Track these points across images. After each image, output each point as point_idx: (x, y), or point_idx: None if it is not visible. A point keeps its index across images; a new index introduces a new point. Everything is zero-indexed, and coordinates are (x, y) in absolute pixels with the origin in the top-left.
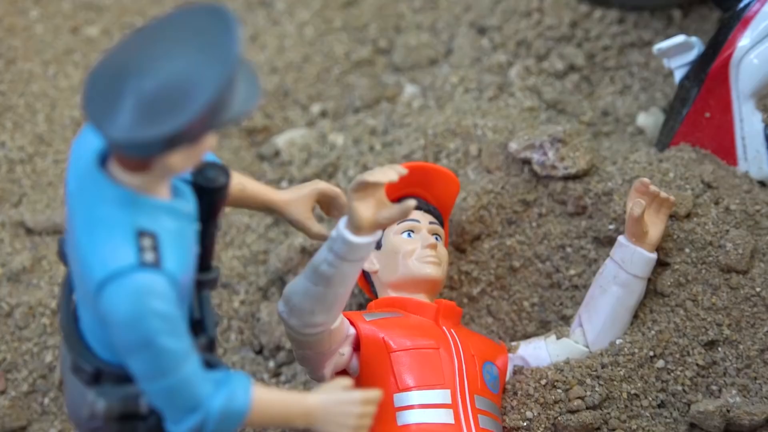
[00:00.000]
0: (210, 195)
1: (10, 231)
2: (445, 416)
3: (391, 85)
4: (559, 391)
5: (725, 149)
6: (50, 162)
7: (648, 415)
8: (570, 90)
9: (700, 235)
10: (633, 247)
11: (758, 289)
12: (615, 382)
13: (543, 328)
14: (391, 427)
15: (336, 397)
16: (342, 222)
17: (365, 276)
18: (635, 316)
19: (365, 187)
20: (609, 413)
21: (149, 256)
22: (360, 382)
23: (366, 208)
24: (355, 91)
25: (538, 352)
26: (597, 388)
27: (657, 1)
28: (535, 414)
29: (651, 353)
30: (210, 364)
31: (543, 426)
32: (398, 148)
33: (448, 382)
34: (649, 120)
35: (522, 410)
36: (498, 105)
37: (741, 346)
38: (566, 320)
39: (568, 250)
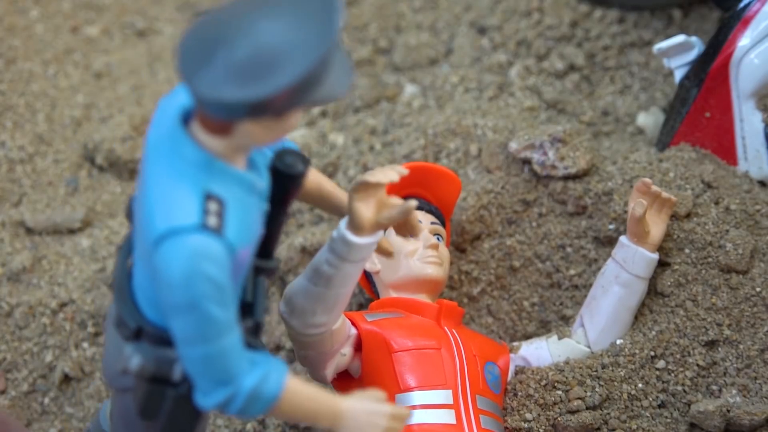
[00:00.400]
0: (285, 181)
1: (10, 231)
2: (446, 416)
3: (391, 85)
4: (559, 391)
5: (725, 149)
6: (50, 162)
7: (648, 415)
8: (570, 90)
9: (700, 235)
10: (635, 248)
11: (758, 289)
12: (615, 383)
13: (543, 328)
14: None
15: (368, 406)
16: (343, 222)
17: (367, 276)
18: (635, 316)
19: (366, 188)
20: (609, 413)
21: (213, 221)
22: (362, 382)
23: (367, 209)
24: (355, 90)
25: (540, 352)
26: (597, 389)
27: (657, 1)
28: (535, 415)
29: (651, 353)
30: (252, 347)
31: (543, 426)
32: (398, 147)
33: (449, 382)
34: (649, 120)
35: (522, 411)
36: (498, 105)
37: (741, 346)
38: (566, 320)
39: (568, 249)
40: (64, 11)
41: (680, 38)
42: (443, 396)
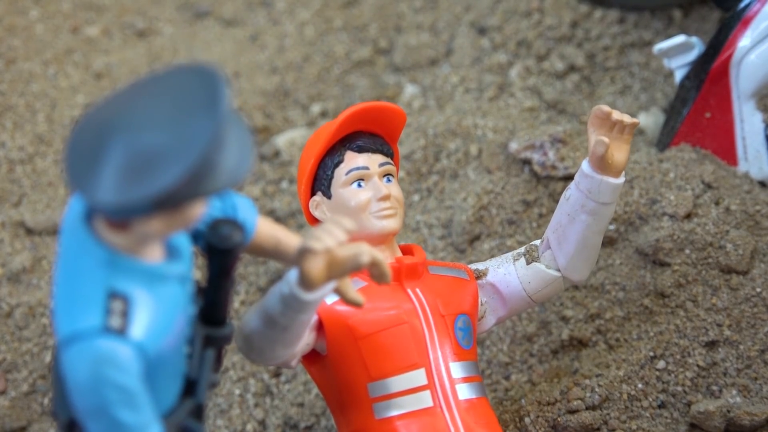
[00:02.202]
0: (222, 254)
1: (10, 231)
2: (423, 400)
3: (392, 85)
4: (558, 392)
5: (725, 149)
6: (50, 162)
7: (648, 415)
8: (570, 90)
9: (700, 236)
10: (599, 178)
11: (758, 290)
12: (615, 383)
13: (543, 328)
14: (370, 422)
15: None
16: (293, 276)
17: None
18: (635, 317)
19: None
20: (609, 414)
21: (116, 322)
22: (331, 367)
23: (317, 269)
24: (355, 91)
25: (509, 278)
26: (597, 389)
27: (657, 1)
28: (534, 416)
29: (651, 354)
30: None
31: (542, 426)
32: (398, 147)
33: (421, 359)
34: (649, 120)
35: (521, 413)
36: (498, 105)
37: (741, 347)
38: (566, 320)
39: None
40: (64, 11)
41: (680, 38)
42: (417, 377)
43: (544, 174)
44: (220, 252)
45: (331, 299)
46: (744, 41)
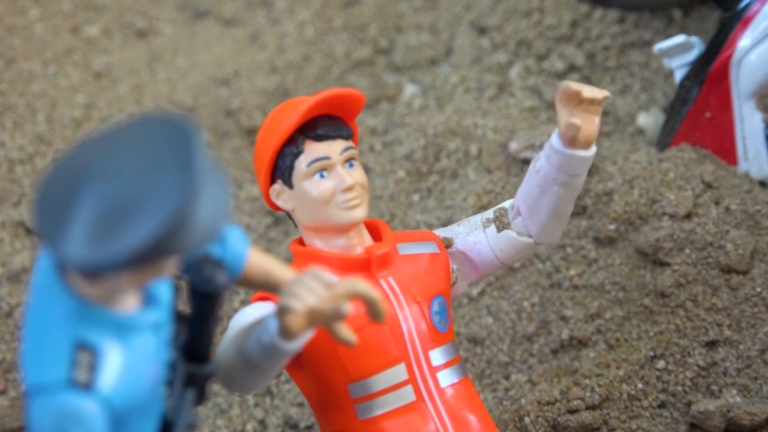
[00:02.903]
0: (205, 295)
1: (10, 231)
2: (405, 395)
3: (392, 85)
4: (558, 392)
5: (726, 149)
6: (50, 162)
7: (648, 415)
8: None
9: (700, 236)
10: (570, 153)
11: (758, 290)
12: (615, 383)
13: (543, 328)
14: (353, 423)
15: None
16: (273, 327)
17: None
18: (635, 317)
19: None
20: (609, 414)
21: (82, 375)
22: (309, 370)
23: (297, 322)
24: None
25: (480, 246)
26: (597, 389)
27: (657, 1)
28: (534, 416)
29: (651, 353)
30: None
31: (542, 426)
32: (398, 147)
33: (400, 353)
34: (649, 120)
35: (521, 413)
36: (498, 105)
37: (741, 347)
38: (566, 320)
39: (569, 250)
40: (64, 11)
41: (680, 38)
42: (397, 373)
43: None
44: (203, 294)
45: None
46: (744, 41)
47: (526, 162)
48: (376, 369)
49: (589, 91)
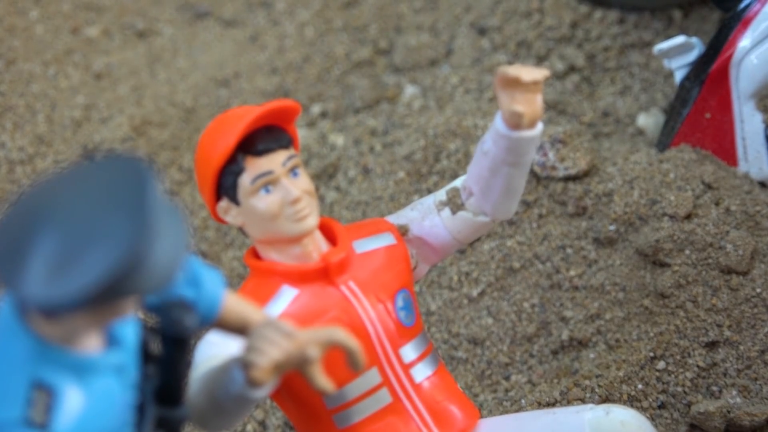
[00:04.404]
0: (172, 340)
1: None
2: (382, 398)
3: (392, 86)
4: (558, 392)
5: (726, 150)
6: (50, 162)
7: (648, 416)
8: (570, 90)
9: (700, 236)
10: (516, 136)
11: (758, 290)
12: (615, 384)
13: (543, 329)
14: None
15: None
16: (239, 377)
17: None
18: (635, 318)
19: None
20: None
21: (38, 416)
22: (283, 384)
23: (263, 374)
24: (355, 91)
25: (437, 230)
26: (597, 390)
27: (657, 2)
28: None
29: (651, 354)
30: None
31: None
32: (398, 148)
33: (370, 358)
34: (649, 120)
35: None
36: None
37: (741, 347)
38: (566, 321)
39: (569, 250)
40: (64, 12)
41: (680, 39)
42: (370, 378)
43: (544, 174)
44: (172, 337)
45: (274, 312)
46: (744, 42)
47: None
48: (349, 378)
49: (528, 75)
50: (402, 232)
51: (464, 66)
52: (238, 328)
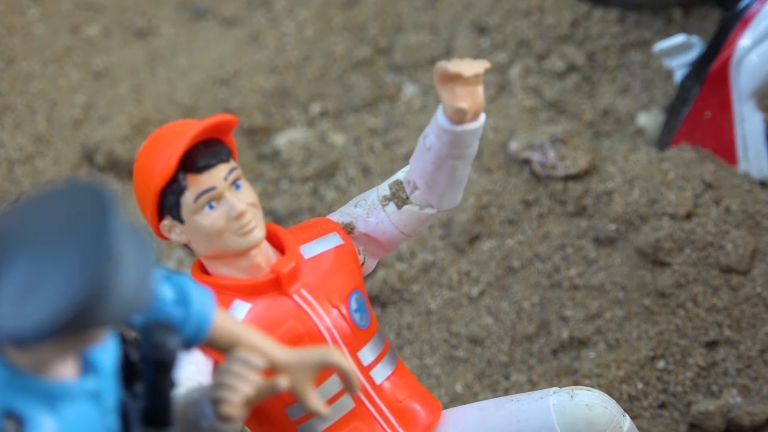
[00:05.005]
0: (154, 363)
1: None
2: (344, 405)
3: (391, 85)
4: None
5: (726, 149)
6: (49, 162)
7: (648, 415)
8: (570, 90)
9: (700, 236)
10: (459, 129)
11: (759, 290)
12: (615, 383)
13: (543, 328)
14: None
15: None
16: (209, 412)
17: None
18: (635, 317)
19: None
20: None
21: None
22: None
23: (233, 410)
24: (355, 90)
25: (383, 226)
26: (597, 389)
27: (658, 1)
28: None
29: (651, 354)
30: None
31: None
32: (398, 147)
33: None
34: (649, 120)
35: None
36: (498, 105)
37: (742, 347)
38: (566, 321)
39: (569, 250)
40: (64, 11)
41: (681, 38)
42: (331, 385)
43: (544, 174)
44: (155, 361)
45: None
46: (744, 41)
47: (526, 162)
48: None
49: (469, 69)
50: (348, 230)
51: None
52: (228, 348)
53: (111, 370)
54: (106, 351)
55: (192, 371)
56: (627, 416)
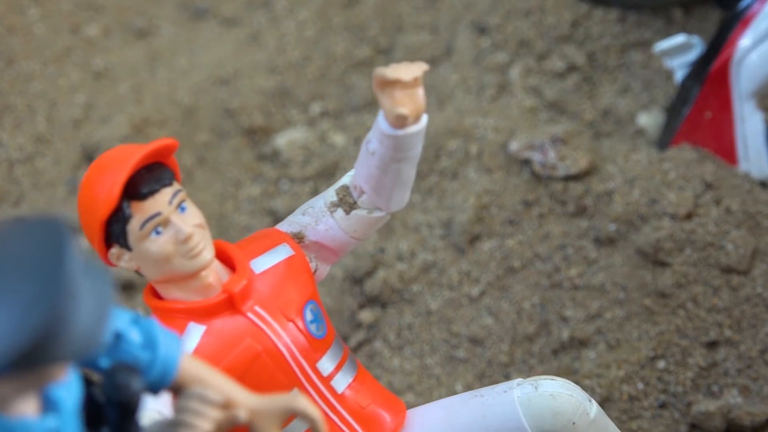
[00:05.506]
0: (118, 404)
1: None
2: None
3: None
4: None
5: (726, 149)
6: (50, 162)
7: (649, 415)
8: (571, 90)
9: (700, 236)
10: (402, 133)
11: (759, 290)
12: (615, 383)
13: (544, 328)
14: None
15: None
16: None
17: None
18: (635, 317)
19: None
20: (609, 414)
21: None
22: None
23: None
24: (355, 90)
25: (332, 233)
26: (597, 389)
27: (658, 0)
28: None
29: (652, 354)
30: None
31: None
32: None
33: (290, 380)
34: (649, 120)
35: None
36: (498, 105)
37: (742, 347)
38: (566, 321)
39: (569, 250)
40: (64, 11)
41: (681, 38)
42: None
43: (545, 174)
44: (118, 402)
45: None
46: (745, 41)
47: (526, 162)
48: None
49: (407, 73)
50: (298, 239)
51: (464, 65)
52: None
53: (73, 410)
54: (68, 390)
55: (155, 418)
56: (593, 401)
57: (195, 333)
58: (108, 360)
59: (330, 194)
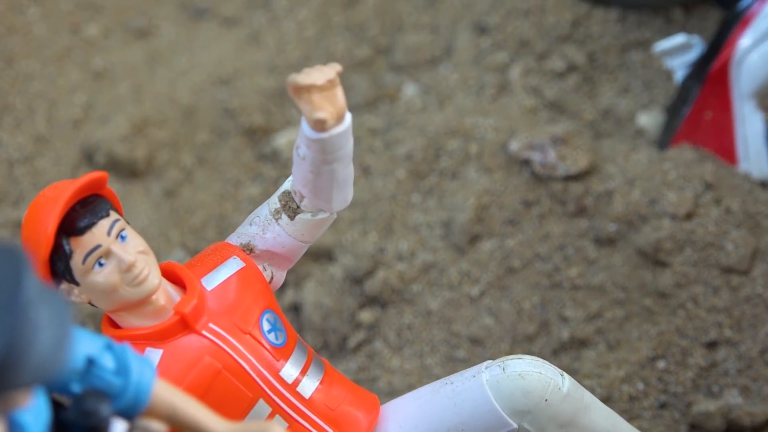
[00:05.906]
0: (85, 430)
1: (10, 231)
2: (278, 425)
3: (392, 84)
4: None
5: (726, 149)
6: (49, 161)
7: (649, 415)
8: (571, 89)
9: (700, 236)
10: (326, 136)
11: (759, 290)
12: (615, 383)
13: (544, 328)
14: None
15: None
16: None
17: None
18: (635, 317)
19: None
20: None
21: None
22: None
23: None
24: (355, 90)
25: (281, 239)
26: (597, 389)
27: (658, 0)
28: None
29: (652, 354)
30: None
31: None
32: (398, 147)
33: (254, 391)
34: (649, 120)
35: None
36: (498, 105)
37: (742, 347)
38: (566, 321)
39: (569, 250)
40: (64, 10)
41: (681, 38)
42: (260, 410)
43: (545, 174)
44: (86, 429)
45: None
46: (745, 41)
47: (526, 162)
48: (238, 416)
49: (321, 77)
50: (248, 251)
51: (464, 65)
52: (168, 420)
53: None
54: (36, 415)
55: None
56: (566, 375)
57: (153, 357)
58: (80, 385)
59: (273, 201)
